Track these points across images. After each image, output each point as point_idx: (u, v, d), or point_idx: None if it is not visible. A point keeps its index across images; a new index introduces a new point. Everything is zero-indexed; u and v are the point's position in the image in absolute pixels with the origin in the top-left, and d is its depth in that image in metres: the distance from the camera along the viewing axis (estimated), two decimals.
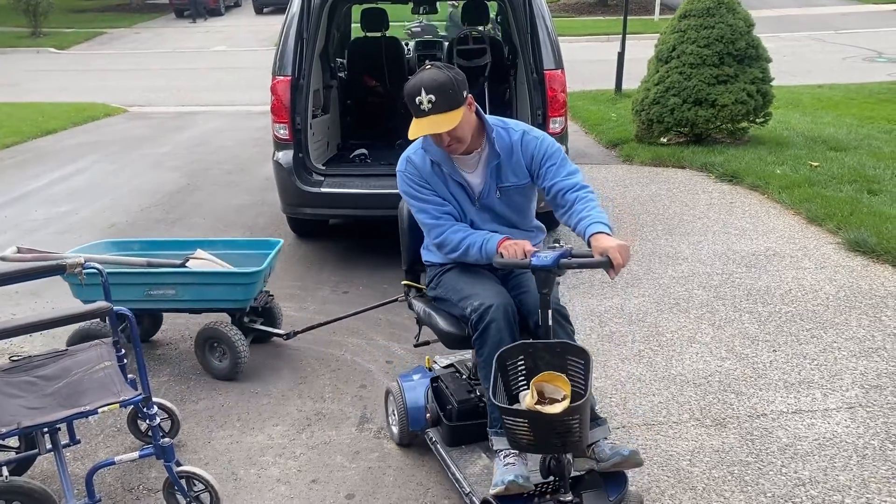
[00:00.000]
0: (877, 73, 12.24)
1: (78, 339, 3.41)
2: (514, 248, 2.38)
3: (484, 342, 2.38)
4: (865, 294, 4.15)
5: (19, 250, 3.22)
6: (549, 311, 2.26)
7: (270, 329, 3.72)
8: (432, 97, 2.34)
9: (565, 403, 2.03)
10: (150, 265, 3.49)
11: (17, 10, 22.56)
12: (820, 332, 3.75)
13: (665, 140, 7.62)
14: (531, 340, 2.31)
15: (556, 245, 2.29)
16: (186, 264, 3.53)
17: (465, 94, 2.41)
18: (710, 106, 7.14)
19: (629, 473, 2.36)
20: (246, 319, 3.64)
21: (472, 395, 2.66)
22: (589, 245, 2.31)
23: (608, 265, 2.19)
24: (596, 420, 2.42)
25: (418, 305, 2.77)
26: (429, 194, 2.58)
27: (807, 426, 2.96)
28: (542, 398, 2.10)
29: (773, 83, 7.35)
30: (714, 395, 3.21)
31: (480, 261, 2.50)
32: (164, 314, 3.85)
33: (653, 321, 3.93)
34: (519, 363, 2.25)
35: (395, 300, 3.31)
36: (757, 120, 7.41)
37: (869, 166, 6.42)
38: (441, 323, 2.60)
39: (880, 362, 3.43)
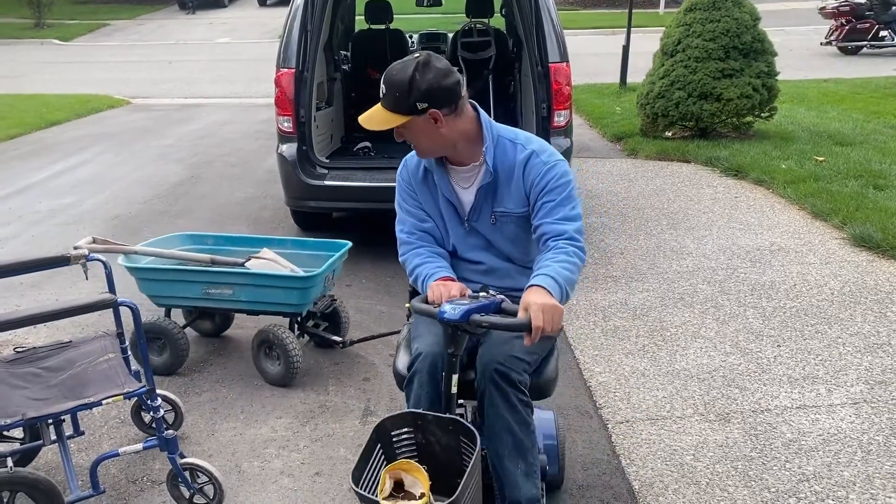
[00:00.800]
0: (883, 68, 12.18)
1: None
2: (439, 291, 1.96)
3: (408, 394, 2.06)
4: (871, 289, 4.13)
5: (94, 240, 3.22)
6: (454, 377, 1.90)
7: (329, 335, 3.58)
8: (384, 88, 2.02)
9: (422, 502, 1.71)
10: (213, 262, 3.43)
11: (20, 2, 22.65)
12: (825, 327, 3.74)
13: (670, 134, 7.60)
14: (421, 411, 1.92)
15: (484, 295, 1.90)
16: (246, 264, 3.44)
17: (422, 105, 1.98)
18: (715, 100, 7.12)
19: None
20: (310, 323, 3.55)
21: None
22: None
23: (526, 328, 1.77)
24: None
25: (403, 334, 2.42)
26: (413, 206, 2.26)
27: (811, 421, 2.95)
28: (399, 490, 1.77)
29: (779, 77, 7.32)
30: (718, 389, 3.21)
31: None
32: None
33: (657, 316, 3.92)
34: (405, 436, 1.89)
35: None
36: (762, 114, 7.39)
37: (875, 161, 6.39)
38: (397, 360, 2.25)
39: (885, 358, 3.42)
